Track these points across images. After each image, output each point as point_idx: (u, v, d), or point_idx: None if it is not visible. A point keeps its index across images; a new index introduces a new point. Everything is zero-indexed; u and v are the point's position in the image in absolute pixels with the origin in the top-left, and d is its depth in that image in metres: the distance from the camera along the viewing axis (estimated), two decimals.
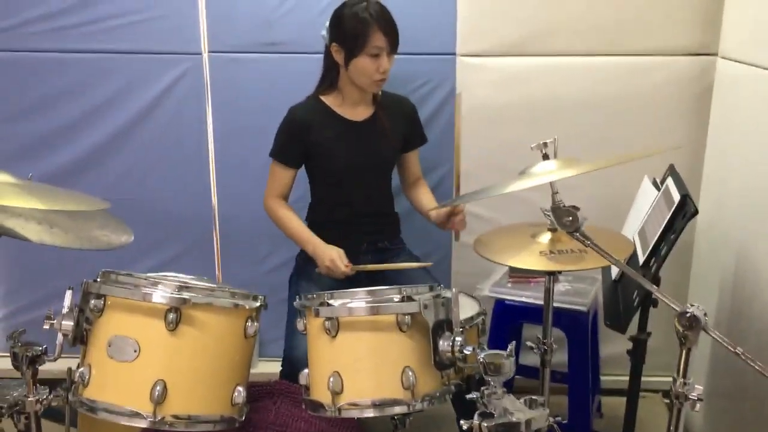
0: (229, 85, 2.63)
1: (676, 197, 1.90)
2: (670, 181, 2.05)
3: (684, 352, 1.40)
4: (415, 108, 2.45)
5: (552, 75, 2.55)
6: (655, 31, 2.49)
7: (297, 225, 2.32)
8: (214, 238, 2.78)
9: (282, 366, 2.14)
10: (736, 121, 2.31)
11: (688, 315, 1.36)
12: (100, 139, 2.67)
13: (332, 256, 2.17)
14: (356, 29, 2.15)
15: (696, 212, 1.83)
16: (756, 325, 2.04)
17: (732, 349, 1.34)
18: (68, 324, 1.60)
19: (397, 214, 2.51)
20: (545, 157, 1.66)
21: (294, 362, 2.03)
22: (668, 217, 1.89)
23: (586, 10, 2.48)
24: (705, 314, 1.37)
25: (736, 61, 2.32)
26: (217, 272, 2.81)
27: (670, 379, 1.44)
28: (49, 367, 1.63)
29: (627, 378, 2.11)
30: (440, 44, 2.56)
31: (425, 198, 2.44)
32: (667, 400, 1.47)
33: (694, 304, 1.37)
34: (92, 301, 1.58)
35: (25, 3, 2.54)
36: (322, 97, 2.33)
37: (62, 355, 1.63)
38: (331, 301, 1.60)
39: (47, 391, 1.64)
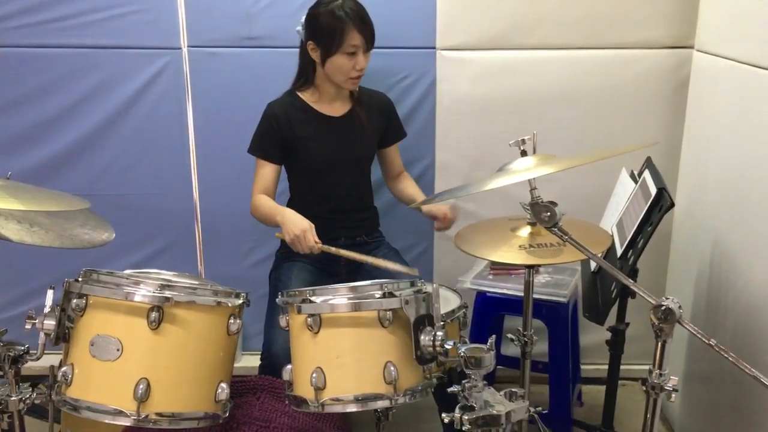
0: (209, 79, 2.62)
1: (653, 190, 1.92)
2: (647, 174, 2.08)
3: (660, 344, 1.42)
4: (392, 103, 2.45)
5: (531, 68, 2.57)
6: (632, 24, 2.51)
7: (267, 202, 2.26)
8: (196, 233, 2.78)
9: (261, 361, 2.14)
10: (712, 114, 2.34)
11: (663, 308, 1.38)
12: (80, 135, 2.65)
13: (304, 228, 2.08)
14: (332, 28, 2.15)
15: (672, 205, 1.86)
16: (732, 313, 2.08)
17: (706, 341, 1.37)
18: (50, 323, 1.59)
19: (376, 208, 2.52)
20: (523, 153, 1.68)
21: (273, 358, 2.05)
22: (645, 210, 1.92)
23: (564, 3, 2.50)
24: (680, 307, 1.39)
25: (711, 54, 2.35)
26: (199, 267, 2.81)
27: (649, 367, 1.47)
28: (31, 363, 1.63)
29: (606, 367, 2.14)
30: (420, 38, 2.57)
31: (411, 189, 2.47)
32: (645, 388, 1.50)
33: (669, 297, 1.40)
34: (74, 301, 1.57)
35: None
36: (299, 93, 2.33)
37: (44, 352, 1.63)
38: (313, 298, 1.61)
39: (30, 390, 1.64)
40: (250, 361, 2.73)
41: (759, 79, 1.93)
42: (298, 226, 2.09)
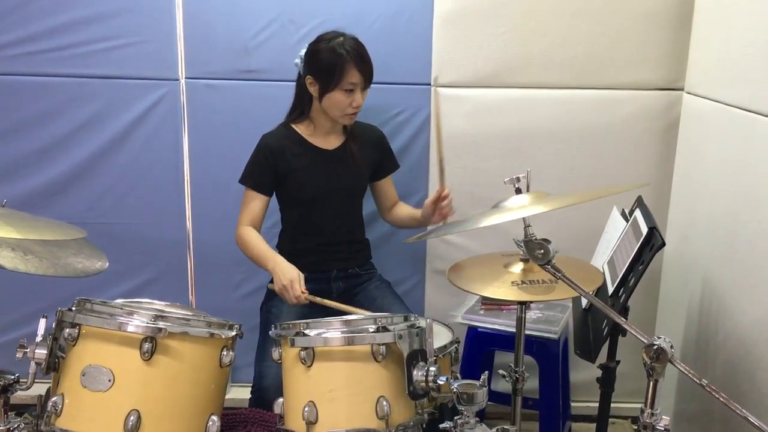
0: (206, 111, 2.65)
1: (644, 229, 1.95)
2: (638, 213, 2.11)
3: (651, 383, 1.43)
4: (384, 136, 2.48)
5: (524, 106, 2.61)
6: (623, 66, 2.56)
7: (259, 244, 2.26)
8: (188, 264, 2.78)
9: (251, 394, 2.13)
10: (701, 155, 2.38)
11: (655, 347, 1.39)
12: (76, 163, 2.66)
13: (292, 277, 2.09)
14: (332, 65, 2.18)
15: (663, 244, 1.87)
16: (721, 353, 2.09)
17: (698, 381, 1.38)
18: (42, 352, 1.58)
19: (368, 240, 2.53)
20: (518, 191, 1.70)
21: (264, 391, 2.04)
22: (636, 249, 1.93)
23: (558, 44, 2.55)
24: (671, 346, 1.40)
25: (701, 96, 2.40)
26: (190, 297, 2.80)
27: (639, 405, 1.47)
28: (19, 392, 1.62)
29: (597, 404, 2.14)
30: (416, 74, 2.60)
31: (407, 210, 2.49)
32: (636, 427, 1.50)
33: (660, 337, 1.41)
34: (67, 330, 1.56)
35: (1, 26, 2.54)
36: (294, 126, 2.35)
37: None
38: (306, 331, 1.61)
39: (19, 420, 1.62)
40: (239, 393, 2.70)
41: (747, 123, 1.97)
42: (286, 276, 2.11)
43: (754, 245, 1.91)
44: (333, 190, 2.35)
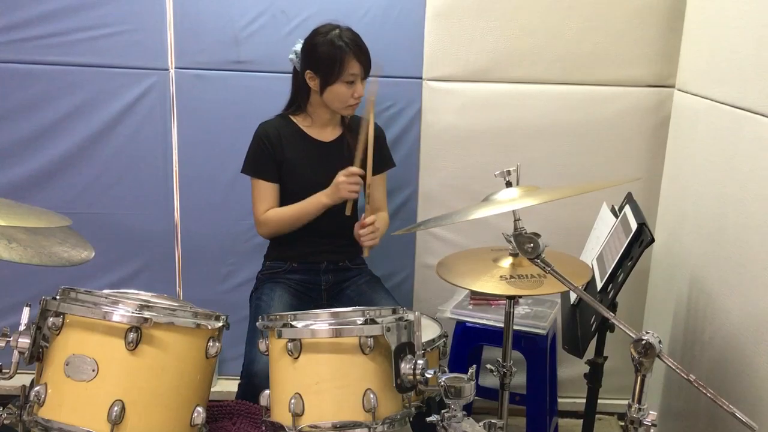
0: (195, 101, 2.63)
1: (633, 225, 1.94)
2: (627, 209, 2.11)
3: (639, 378, 1.43)
4: (382, 132, 2.47)
5: (515, 101, 2.60)
6: (615, 62, 2.56)
7: (290, 207, 2.30)
8: (176, 255, 2.76)
9: (239, 386, 2.12)
10: (691, 152, 2.38)
11: (643, 342, 1.39)
12: (63, 153, 2.64)
13: (337, 181, 2.21)
14: (332, 57, 2.18)
15: (652, 240, 1.87)
16: (708, 350, 2.10)
17: (685, 377, 1.38)
18: (25, 341, 1.56)
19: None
20: (508, 184, 1.69)
21: (252, 382, 2.02)
22: (625, 245, 1.93)
23: (550, 40, 2.54)
24: (660, 341, 1.40)
25: (692, 93, 2.40)
26: (177, 289, 2.78)
27: (625, 402, 1.47)
28: (2, 382, 1.60)
29: (584, 400, 2.14)
30: (407, 68, 2.60)
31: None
32: (623, 423, 1.50)
33: (649, 332, 1.41)
34: (50, 319, 1.55)
35: None
36: (292, 117, 2.35)
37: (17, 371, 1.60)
38: (294, 323, 1.60)
39: (1, 410, 1.60)
40: (226, 386, 2.69)
41: (737, 119, 1.97)
42: (335, 186, 2.23)
43: (742, 242, 1.91)
44: (327, 183, 2.33)
